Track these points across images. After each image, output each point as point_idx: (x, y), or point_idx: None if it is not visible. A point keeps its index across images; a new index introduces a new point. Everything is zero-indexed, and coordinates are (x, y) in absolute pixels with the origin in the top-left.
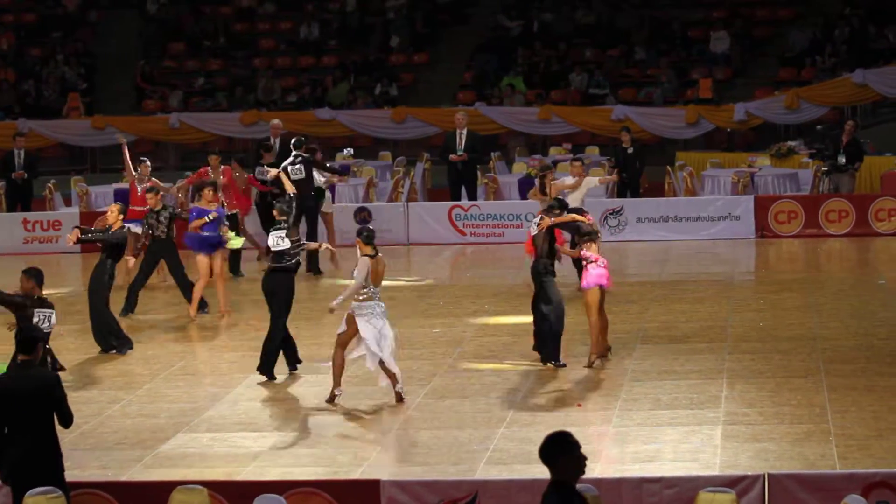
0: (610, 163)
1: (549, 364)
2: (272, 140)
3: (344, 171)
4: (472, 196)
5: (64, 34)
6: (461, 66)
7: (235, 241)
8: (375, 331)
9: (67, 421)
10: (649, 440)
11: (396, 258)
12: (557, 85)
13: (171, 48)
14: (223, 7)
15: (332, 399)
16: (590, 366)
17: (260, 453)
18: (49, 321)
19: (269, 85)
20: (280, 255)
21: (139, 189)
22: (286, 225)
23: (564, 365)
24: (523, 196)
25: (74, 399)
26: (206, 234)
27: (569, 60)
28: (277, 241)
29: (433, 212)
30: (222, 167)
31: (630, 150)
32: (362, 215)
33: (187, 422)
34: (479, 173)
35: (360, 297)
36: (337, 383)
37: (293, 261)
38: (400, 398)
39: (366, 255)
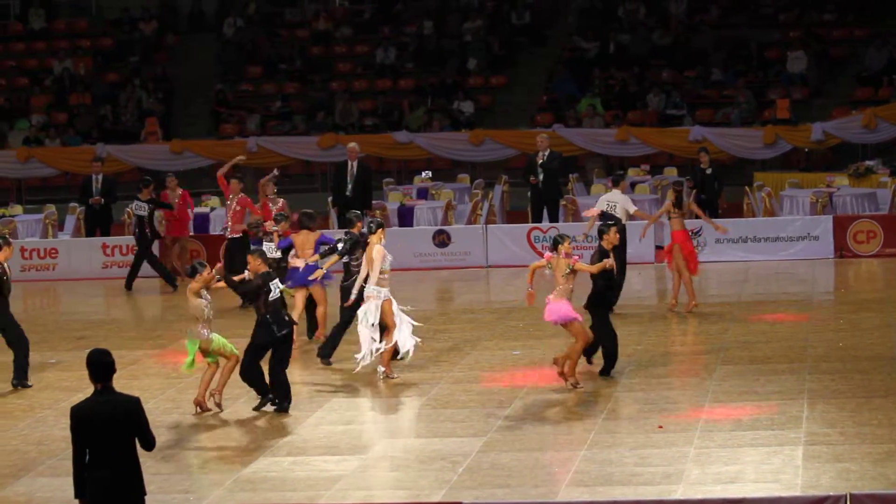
0: (689, 183)
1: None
2: (349, 164)
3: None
4: (554, 217)
5: (141, 58)
6: (539, 88)
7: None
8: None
9: (149, 445)
10: (731, 461)
11: (475, 280)
12: (634, 106)
13: (248, 72)
14: (300, 30)
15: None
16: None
17: (341, 477)
18: (277, 288)
19: (347, 108)
20: None
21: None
22: None
23: None
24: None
25: (156, 423)
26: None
27: (646, 82)
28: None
29: (512, 234)
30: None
31: (708, 171)
32: (441, 238)
33: (268, 445)
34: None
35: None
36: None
37: None
38: None
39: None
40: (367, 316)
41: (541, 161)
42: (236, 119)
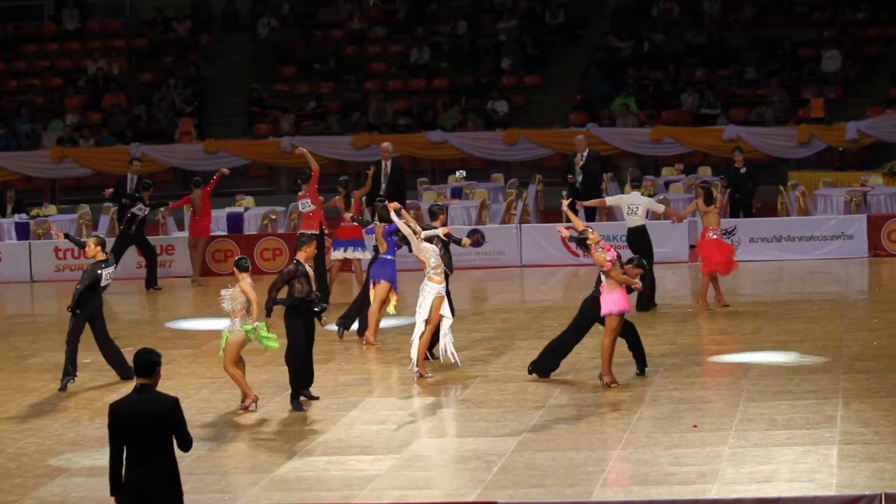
0: (723, 182)
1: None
2: (383, 164)
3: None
4: (592, 217)
5: (175, 58)
6: (572, 88)
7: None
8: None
9: (186, 445)
10: (765, 460)
11: (509, 280)
12: (669, 105)
13: (282, 72)
14: (334, 30)
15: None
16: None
17: (376, 476)
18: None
19: (381, 108)
20: None
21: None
22: None
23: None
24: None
25: (191, 422)
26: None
27: (680, 81)
28: None
29: (546, 233)
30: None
31: (743, 170)
32: (475, 237)
33: (303, 445)
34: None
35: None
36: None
37: None
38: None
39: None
40: (421, 310)
41: (580, 162)
42: (270, 119)
